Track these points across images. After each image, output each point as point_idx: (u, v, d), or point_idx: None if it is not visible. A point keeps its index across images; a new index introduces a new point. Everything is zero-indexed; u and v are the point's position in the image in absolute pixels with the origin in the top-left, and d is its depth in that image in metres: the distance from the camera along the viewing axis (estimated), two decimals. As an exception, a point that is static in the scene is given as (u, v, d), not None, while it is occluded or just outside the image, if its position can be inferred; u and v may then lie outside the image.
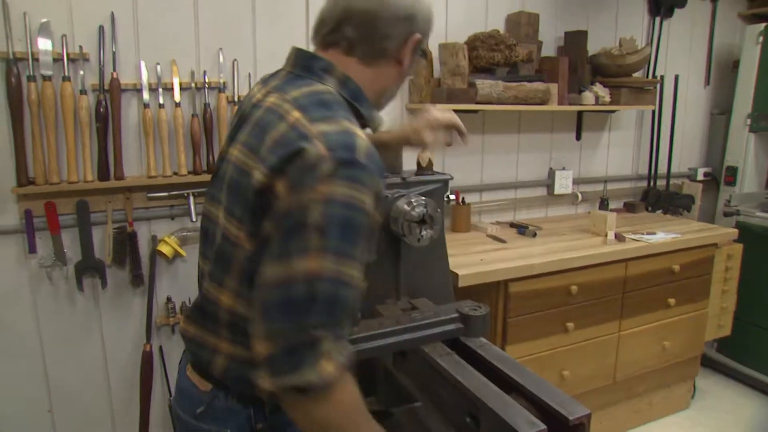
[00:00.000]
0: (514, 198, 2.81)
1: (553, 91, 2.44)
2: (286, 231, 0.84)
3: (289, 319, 0.82)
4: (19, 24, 1.79)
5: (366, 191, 0.85)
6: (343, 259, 0.83)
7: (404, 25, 1.01)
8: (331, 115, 0.90)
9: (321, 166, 0.83)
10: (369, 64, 1.02)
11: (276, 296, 0.83)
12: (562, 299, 2.24)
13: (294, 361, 0.80)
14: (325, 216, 0.82)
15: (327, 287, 0.82)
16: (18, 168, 1.83)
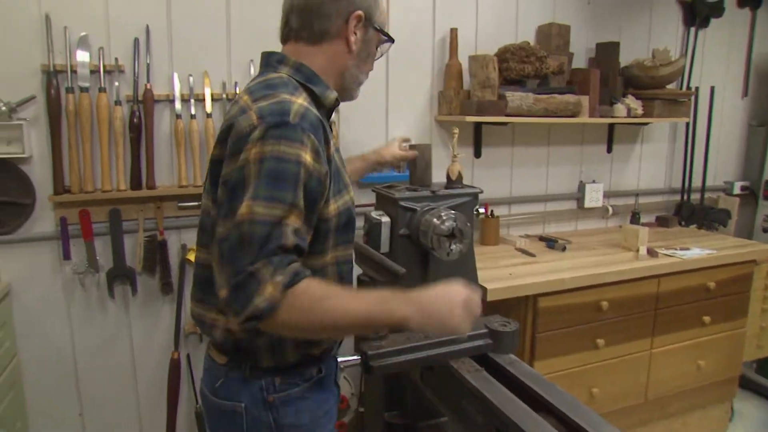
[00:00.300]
0: (544, 211, 2.77)
1: (584, 104, 2.41)
2: (229, 191, 0.99)
3: (232, 263, 0.94)
4: (59, 37, 1.85)
5: (297, 145, 0.98)
6: (274, 203, 0.95)
7: (341, 4, 1.10)
8: (271, 93, 1.03)
9: (252, 132, 0.97)
10: (315, 45, 1.13)
11: (223, 248, 0.97)
12: (593, 315, 2.19)
13: (243, 296, 0.93)
14: (256, 171, 0.96)
15: (258, 228, 0.94)
16: (55, 177, 1.88)
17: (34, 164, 1.91)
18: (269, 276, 0.93)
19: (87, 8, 1.88)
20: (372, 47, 1.19)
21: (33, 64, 1.84)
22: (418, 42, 2.37)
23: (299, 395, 1.14)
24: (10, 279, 1.95)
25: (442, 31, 2.39)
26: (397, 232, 1.67)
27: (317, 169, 1.02)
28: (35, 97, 1.85)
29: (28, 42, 1.83)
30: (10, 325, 1.95)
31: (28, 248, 1.95)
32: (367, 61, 1.20)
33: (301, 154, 0.98)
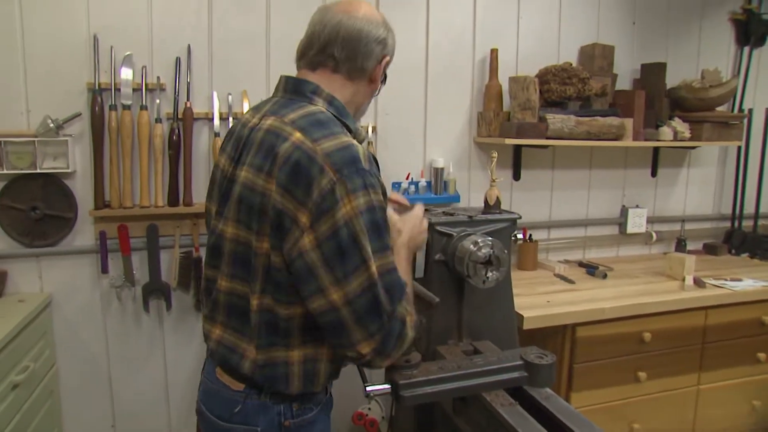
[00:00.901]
0: (584, 236, 2.68)
1: (627, 126, 2.33)
2: (337, 253, 0.97)
3: (377, 317, 1.00)
4: (105, 56, 1.90)
5: (376, 189, 1.02)
6: (384, 252, 1.02)
7: (379, 47, 1.15)
8: (329, 133, 1.02)
9: (336, 188, 0.97)
10: (352, 80, 1.16)
11: (357, 308, 0.99)
12: (634, 347, 2.10)
13: (394, 339, 1.02)
14: (360, 227, 0.98)
15: (390, 278, 1.02)
16: (95, 191, 1.92)
17: (77, 179, 1.96)
18: (405, 311, 1.05)
19: (132, 28, 1.93)
20: (378, 88, 1.25)
21: (80, 82, 1.90)
22: (457, 62, 2.35)
23: (312, 419, 1.17)
24: (52, 290, 2.00)
25: (483, 51, 2.36)
26: (432, 258, 1.63)
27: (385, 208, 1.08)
28: (81, 114, 1.91)
29: (77, 61, 1.89)
30: (51, 335, 2.00)
31: (70, 260, 2.00)
32: (371, 99, 1.27)
33: (380, 198, 1.03)
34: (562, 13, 2.46)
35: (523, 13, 2.40)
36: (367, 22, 1.13)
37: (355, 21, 1.12)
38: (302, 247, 0.98)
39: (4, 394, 1.61)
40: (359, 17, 1.13)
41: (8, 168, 1.84)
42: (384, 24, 1.17)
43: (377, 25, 1.14)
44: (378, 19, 1.16)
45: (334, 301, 0.99)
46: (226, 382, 1.14)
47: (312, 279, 0.99)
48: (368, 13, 1.15)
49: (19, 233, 1.92)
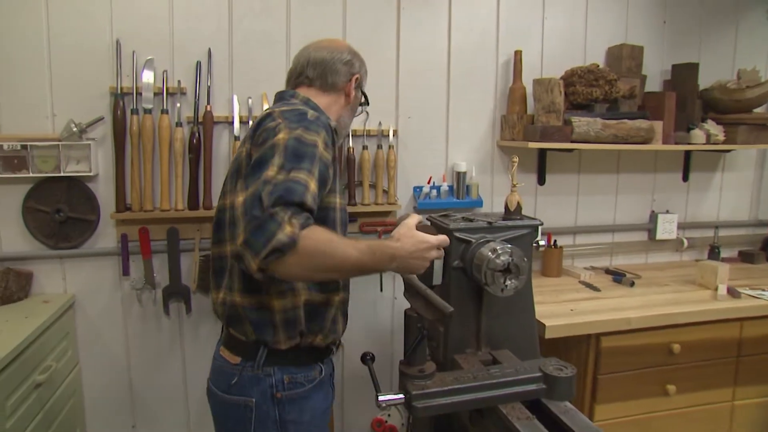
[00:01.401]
0: (611, 242, 2.60)
1: (657, 129, 2.25)
2: (255, 165, 1.13)
3: (253, 210, 1.05)
4: (127, 61, 1.92)
5: (313, 134, 1.18)
6: (293, 171, 1.10)
7: (345, 67, 1.43)
8: (296, 110, 1.24)
9: (278, 126, 1.18)
10: (325, 92, 1.42)
11: (246, 201, 1.08)
12: (662, 358, 2.02)
13: (263, 234, 1.03)
14: (282, 149, 1.13)
15: (279, 183, 1.07)
16: (117, 195, 1.94)
17: (99, 182, 1.99)
18: (287, 218, 1.04)
19: (154, 33, 1.95)
20: (356, 105, 1.51)
21: (103, 87, 1.92)
22: (480, 64, 2.30)
23: (304, 395, 1.31)
24: (75, 291, 2.03)
25: (506, 53, 2.32)
26: (451, 265, 1.59)
27: (326, 156, 1.20)
28: (103, 118, 1.93)
29: (100, 66, 1.92)
30: (73, 335, 2.03)
31: (92, 262, 2.03)
32: (353, 113, 1.52)
33: (317, 140, 1.17)
34: (589, 14, 2.40)
35: (548, 14, 2.34)
36: (331, 51, 1.43)
37: (321, 51, 1.43)
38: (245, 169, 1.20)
39: (27, 392, 1.64)
40: (324, 47, 1.44)
41: (34, 171, 1.88)
42: (348, 50, 1.46)
43: (341, 51, 1.43)
44: (342, 48, 1.45)
45: (239, 203, 1.11)
46: (226, 357, 1.32)
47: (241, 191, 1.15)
48: (332, 45, 1.46)
49: (44, 235, 1.96)
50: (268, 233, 1.02)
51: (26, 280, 1.95)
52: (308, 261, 1.06)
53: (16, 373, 1.58)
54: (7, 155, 1.86)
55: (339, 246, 1.11)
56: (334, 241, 1.11)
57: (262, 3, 2.04)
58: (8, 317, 1.78)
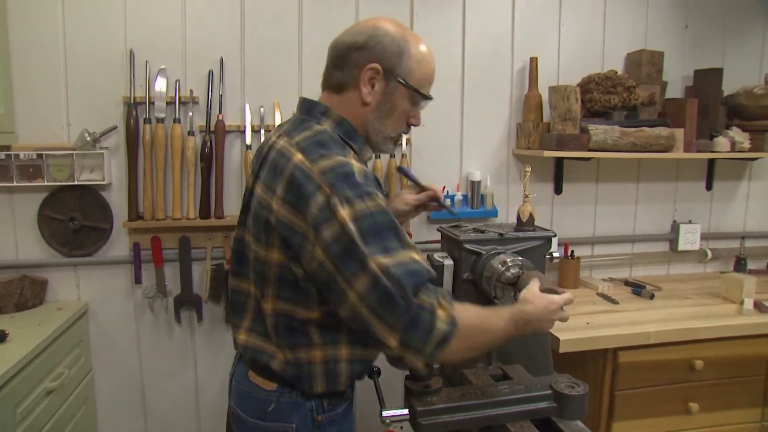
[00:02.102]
0: (631, 253, 2.53)
1: (678, 137, 2.18)
2: (340, 258, 1.00)
3: (393, 308, 0.98)
4: (140, 71, 1.93)
5: (373, 197, 1.03)
6: (390, 252, 1.01)
7: (357, 55, 1.13)
8: (326, 153, 1.05)
9: (331, 201, 1.00)
10: (339, 94, 1.17)
11: (370, 303, 0.99)
12: (684, 374, 1.94)
13: (421, 330, 0.99)
14: (355, 231, 0.99)
15: (398, 270, 0.99)
16: (129, 203, 1.95)
17: (113, 191, 2.00)
18: (436, 301, 1.01)
19: (167, 43, 1.96)
20: (399, 101, 1.17)
21: (116, 96, 1.94)
22: (495, 71, 2.27)
23: (342, 415, 1.23)
24: (88, 298, 2.05)
25: (522, 60, 2.27)
26: (461, 277, 1.56)
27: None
28: (116, 127, 1.95)
29: (114, 75, 1.94)
30: (86, 342, 2.04)
31: (105, 270, 2.04)
32: (392, 115, 1.18)
33: (382, 204, 1.04)
34: (607, 19, 2.34)
35: (565, 20, 2.30)
36: (349, 34, 1.15)
37: (341, 36, 1.17)
38: (318, 259, 1.02)
39: (38, 399, 1.65)
40: (348, 32, 1.16)
41: (49, 180, 1.90)
42: (373, 30, 1.13)
43: (358, 34, 1.14)
44: (366, 28, 1.14)
45: (353, 302, 1.01)
46: (258, 383, 1.19)
47: (334, 285, 1.02)
48: (360, 24, 1.18)
49: (59, 243, 1.98)
50: (426, 325, 0.99)
51: (41, 288, 1.97)
52: (469, 341, 1.06)
53: (27, 379, 1.59)
54: (23, 164, 1.89)
55: (489, 319, 1.11)
56: (483, 314, 1.10)
57: (274, 11, 2.04)
58: (22, 324, 1.79)
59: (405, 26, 1.18)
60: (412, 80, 1.16)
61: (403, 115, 1.20)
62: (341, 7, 2.10)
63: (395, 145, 1.27)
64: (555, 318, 1.25)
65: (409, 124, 1.24)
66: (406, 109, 1.19)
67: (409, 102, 1.19)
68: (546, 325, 1.24)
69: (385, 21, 1.17)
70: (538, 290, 1.27)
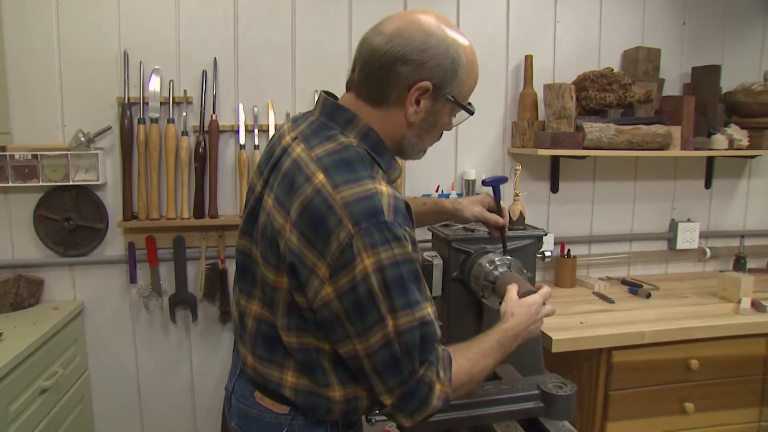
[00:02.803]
0: (629, 252, 2.51)
1: (675, 135, 2.16)
2: (355, 308, 0.92)
3: (395, 374, 0.96)
4: (135, 71, 1.94)
5: (401, 242, 0.92)
6: (412, 308, 0.94)
7: (405, 70, 0.97)
8: (352, 178, 0.93)
9: (353, 242, 0.89)
10: (375, 107, 1.02)
11: (375, 362, 0.95)
12: (679, 374, 1.93)
13: (416, 401, 0.97)
14: (381, 282, 0.90)
15: (411, 336, 0.94)
16: (124, 203, 1.97)
17: (108, 191, 2.01)
18: (435, 377, 0.98)
19: (161, 43, 1.97)
20: (442, 118, 1.06)
21: (111, 97, 1.95)
22: (490, 69, 2.26)
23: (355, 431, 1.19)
24: (84, 298, 2.06)
25: (517, 58, 2.27)
26: (450, 276, 1.55)
27: (418, 258, 0.99)
28: (111, 128, 1.96)
29: (108, 76, 1.95)
30: (82, 342, 2.06)
31: (101, 270, 2.06)
32: (432, 132, 1.07)
33: (407, 250, 0.93)
34: (603, 16, 2.32)
35: (560, 17, 2.28)
36: (392, 38, 0.96)
37: (378, 37, 0.98)
38: (325, 297, 0.93)
39: (32, 398, 1.67)
40: (386, 32, 0.98)
41: (44, 180, 1.91)
42: (420, 39, 0.96)
43: (404, 43, 0.96)
44: (411, 34, 0.96)
45: (357, 351, 0.96)
46: (267, 406, 1.09)
47: (339, 327, 0.95)
48: (402, 27, 0.97)
49: (54, 243, 1.99)
50: (422, 398, 0.97)
51: (37, 287, 1.98)
52: (456, 399, 1.07)
53: (20, 378, 1.61)
54: (18, 165, 1.90)
55: (478, 367, 1.08)
56: (474, 366, 1.07)
57: (268, 11, 2.04)
58: (17, 323, 1.81)
59: (450, 23, 1.02)
60: (461, 95, 1.04)
61: (443, 128, 1.10)
62: (335, 7, 2.09)
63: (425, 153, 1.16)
64: (541, 317, 1.23)
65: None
66: (447, 123, 1.08)
67: (450, 116, 1.08)
68: (536, 328, 1.21)
69: (431, 20, 0.99)
70: (516, 297, 1.23)
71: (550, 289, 1.27)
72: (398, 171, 1.08)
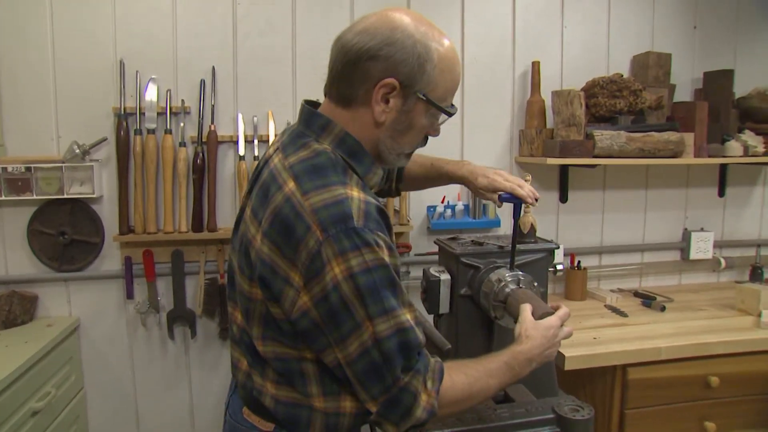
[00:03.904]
0: (640, 262, 2.44)
1: (687, 142, 2.09)
2: (330, 316, 0.90)
3: (378, 381, 0.92)
4: (131, 81, 1.89)
5: (372, 248, 0.89)
6: (388, 315, 0.90)
7: (371, 66, 0.93)
8: (322, 185, 0.91)
9: (323, 249, 0.87)
10: (344, 108, 0.99)
11: (356, 370, 0.92)
12: (698, 392, 1.84)
13: (400, 410, 0.94)
14: (353, 290, 0.88)
15: (391, 343, 0.91)
16: (120, 216, 1.91)
17: (104, 204, 1.96)
18: (421, 387, 0.95)
19: (157, 52, 1.92)
20: (418, 118, 0.99)
21: (106, 107, 1.90)
22: (496, 76, 2.20)
23: None
24: (79, 314, 2.00)
25: (524, 64, 2.20)
26: (458, 292, 1.49)
27: (395, 263, 0.95)
28: (107, 139, 1.90)
29: (104, 86, 1.90)
30: (78, 359, 1.99)
31: (97, 285, 2.00)
32: (408, 133, 1.01)
33: (380, 255, 0.90)
34: (612, 21, 2.26)
35: (568, 23, 2.22)
36: (359, 33, 0.94)
37: (347, 34, 0.96)
38: (303, 307, 0.91)
39: (22, 420, 1.60)
40: (355, 29, 0.96)
41: (38, 193, 1.86)
42: (385, 33, 0.93)
43: (370, 36, 0.93)
44: (377, 28, 0.93)
45: (339, 359, 0.94)
46: (254, 422, 1.07)
47: (320, 336, 0.93)
48: (371, 23, 0.95)
49: (49, 257, 1.94)
50: (406, 407, 0.93)
51: (30, 303, 1.92)
52: (448, 413, 1.02)
53: (9, 401, 1.54)
54: (11, 177, 1.85)
55: (477, 386, 1.02)
56: (473, 384, 1.01)
57: (267, 19, 1.99)
58: (8, 342, 1.75)
59: (427, 21, 0.97)
60: (434, 94, 0.97)
61: (422, 131, 1.03)
62: (336, 15, 2.04)
63: (409, 159, 1.10)
64: (558, 341, 1.16)
65: (428, 135, 1.07)
66: (425, 125, 1.02)
67: (429, 117, 1.01)
68: (552, 352, 1.14)
69: (402, 16, 0.95)
70: (531, 318, 1.16)
71: (568, 310, 1.20)
72: (378, 176, 1.05)
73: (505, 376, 1.06)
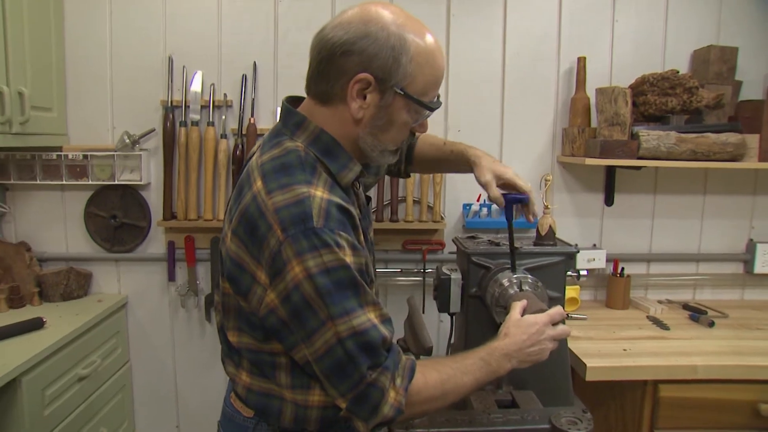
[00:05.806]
0: (695, 273, 2.26)
1: (751, 144, 1.91)
2: (294, 315, 0.91)
3: (344, 378, 0.92)
4: (178, 76, 2.01)
5: (331, 249, 0.89)
6: (349, 315, 0.90)
7: (345, 61, 0.92)
8: (286, 184, 0.92)
9: (283, 249, 0.88)
10: (324, 105, 0.99)
11: (322, 368, 0.93)
12: (744, 419, 1.68)
13: (367, 406, 0.93)
14: (313, 290, 0.88)
15: (351, 343, 0.90)
16: (164, 203, 2.03)
17: (151, 191, 2.09)
18: (389, 383, 0.94)
19: (203, 49, 2.02)
20: (398, 114, 0.97)
21: (155, 100, 2.03)
22: (539, 73, 2.12)
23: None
24: (128, 292, 2.16)
25: (569, 60, 2.10)
26: (468, 292, 1.46)
27: (359, 262, 0.94)
28: (155, 130, 2.03)
29: (154, 80, 2.03)
30: (124, 334, 2.15)
31: (143, 266, 2.14)
32: (390, 130, 0.99)
33: (340, 258, 0.89)
34: (669, 13, 2.10)
35: (619, 15, 2.09)
36: (335, 27, 0.93)
37: (327, 28, 0.95)
38: (270, 304, 0.92)
39: (69, 383, 1.75)
40: (333, 24, 0.94)
41: (92, 179, 2.02)
42: (358, 27, 0.91)
43: (344, 30, 0.92)
44: (351, 22, 0.92)
45: (306, 357, 0.95)
46: (238, 408, 1.10)
47: (287, 333, 0.94)
48: (348, 17, 0.93)
49: (102, 238, 2.10)
50: (373, 404, 0.93)
51: (85, 280, 2.09)
52: (421, 412, 1.01)
53: (57, 365, 1.69)
54: (71, 164, 2.02)
55: (451, 384, 1.01)
56: (446, 381, 1.00)
57: (307, 16, 2.03)
58: (62, 313, 1.92)
59: (405, 13, 0.96)
60: (413, 88, 0.95)
61: (404, 127, 1.01)
62: (375, 9, 2.05)
63: (396, 155, 1.08)
64: (545, 338, 1.10)
65: (413, 132, 1.06)
66: (407, 120, 0.99)
67: (410, 112, 0.99)
68: (537, 350, 1.10)
69: (379, 9, 0.94)
70: (516, 316, 1.13)
71: (561, 309, 1.16)
72: (354, 172, 1.02)
73: (481, 371, 1.04)
